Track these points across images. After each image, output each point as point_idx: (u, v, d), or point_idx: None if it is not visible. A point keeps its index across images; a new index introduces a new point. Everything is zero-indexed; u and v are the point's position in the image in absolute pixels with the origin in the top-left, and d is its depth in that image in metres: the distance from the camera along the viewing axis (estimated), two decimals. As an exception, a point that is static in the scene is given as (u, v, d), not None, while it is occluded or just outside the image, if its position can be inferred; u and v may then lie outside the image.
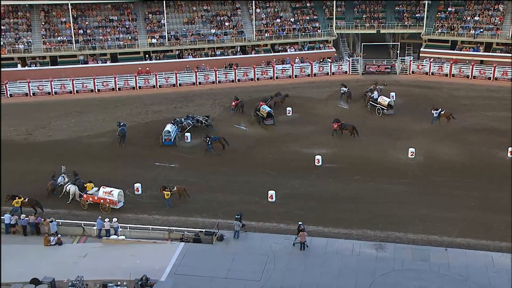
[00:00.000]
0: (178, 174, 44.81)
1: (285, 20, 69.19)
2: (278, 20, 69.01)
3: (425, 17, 67.72)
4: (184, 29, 67.29)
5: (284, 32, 68.09)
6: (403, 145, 48.02)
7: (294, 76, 65.82)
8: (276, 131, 52.60)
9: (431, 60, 66.20)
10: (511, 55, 63.68)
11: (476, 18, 67.02)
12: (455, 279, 31.65)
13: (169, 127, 49.89)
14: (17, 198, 38.51)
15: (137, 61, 65.23)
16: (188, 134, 50.53)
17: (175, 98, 60.58)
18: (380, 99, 55.69)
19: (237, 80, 64.81)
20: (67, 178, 41.59)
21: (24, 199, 38.66)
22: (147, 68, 64.41)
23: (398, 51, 67.50)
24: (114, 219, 36.68)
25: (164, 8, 66.47)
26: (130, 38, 65.89)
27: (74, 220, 37.63)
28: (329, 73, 66.24)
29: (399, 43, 68.77)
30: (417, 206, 39.47)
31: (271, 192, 40.53)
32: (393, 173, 44.24)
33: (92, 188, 40.43)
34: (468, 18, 67.36)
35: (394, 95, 58.94)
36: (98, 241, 35.87)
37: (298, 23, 68.96)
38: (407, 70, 66.40)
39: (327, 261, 33.37)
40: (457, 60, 65.30)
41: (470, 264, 32.83)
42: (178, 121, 51.28)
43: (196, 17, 68.58)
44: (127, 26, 66.94)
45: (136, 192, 41.66)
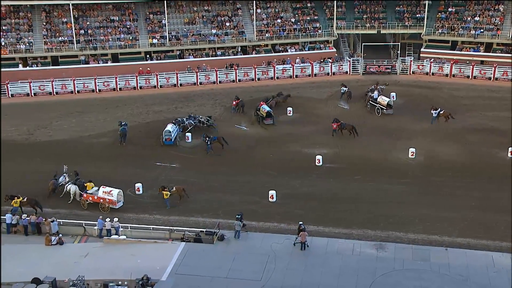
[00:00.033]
0: (179, 174, 44.86)
1: (286, 21, 69.23)
2: (279, 21, 69.07)
3: (426, 17, 67.74)
4: (185, 29, 67.35)
5: (285, 33, 68.13)
6: (404, 145, 48.05)
7: (294, 76, 65.88)
8: (276, 131, 52.65)
9: (432, 60, 66.25)
10: (511, 55, 63.72)
11: (477, 18, 67.05)
12: (456, 279, 31.65)
13: (169, 126, 50.01)
14: (16, 198, 38.52)
15: (138, 61, 65.30)
16: (189, 134, 50.61)
17: (176, 98, 60.63)
18: (380, 98, 55.77)
19: (238, 80, 64.88)
20: (67, 178, 41.71)
21: (23, 199, 38.68)
22: (148, 68, 64.47)
23: (399, 51, 67.55)
24: (115, 219, 36.71)
25: (165, 9, 66.56)
26: (131, 38, 65.97)
27: (75, 220, 37.65)
28: (330, 73, 66.30)
29: (399, 43, 68.81)
30: (417, 206, 39.50)
31: (272, 192, 40.56)
32: (394, 173, 44.28)
33: (92, 188, 40.49)
34: (469, 19, 67.38)
35: (395, 95, 59.03)
36: (99, 241, 35.90)
37: (298, 23, 69.01)
38: (407, 70, 66.45)
39: (327, 261, 33.37)
40: (458, 61, 65.33)
41: (470, 264, 32.83)
42: (179, 121, 51.38)
43: (197, 18, 68.64)
44: (128, 26, 67.01)
45: (137, 192, 41.71)
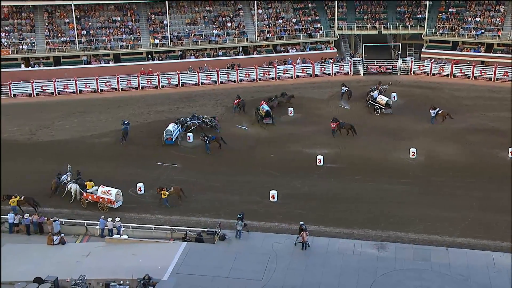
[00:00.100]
0: (180, 174, 44.96)
1: (287, 21, 69.31)
2: (280, 21, 69.15)
3: (426, 18, 67.73)
4: (186, 30, 67.45)
5: (286, 33, 68.20)
6: (404, 145, 48.11)
7: (296, 77, 65.95)
8: (277, 131, 52.72)
9: (432, 60, 66.30)
10: (511, 55, 63.83)
11: (477, 19, 67.08)
12: (456, 278, 31.73)
13: (171, 126, 50.16)
14: (13, 197, 38.61)
15: (140, 62, 65.33)
16: (190, 134, 50.73)
17: (178, 98, 60.74)
18: (379, 98, 55.91)
19: (239, 81, 64.97)
20: (69, 177, 41.85)
21: (20, 198, 38.77)
22: (150, 69, 64.54)
23: (400, 52, 67.61)
24: (117, 219, 36.83)
25: (167, 9, 66.67)
26: (132, 38, 66.08)
27: (77, 220, 37.78)
28: (331, 74, 66.38)
29: (400, 44, 68.85)
30: (418, 206, 39.58)
31: (273, 192, 40.65)
32: (394, 173, 44.36)
33: (92, 187, 40.59)
34: (469, 19, 67.43)
35: (396, 95, 59.13)
36: (101, 241, 36.00)
37: (300, 23, 69.08)
38: (408, 70, 66.51)
39: (328, 260, 33.46)
40: (458, 61, 65.34)
41: (471, 264, 32.91)
42: (182, 121, 51.52)
43: (199, 18, 68.73)
44: (130, 26, 67.13)
45: (138, 192, 41.83)
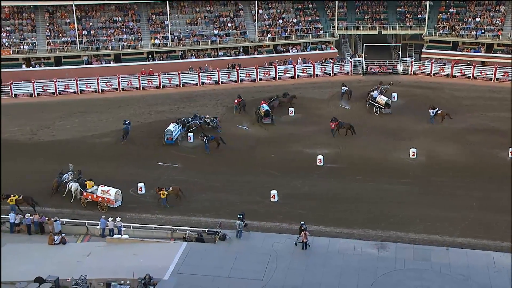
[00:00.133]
0: (181, 174, 45.04)
1: (288, 21, 69.36)
2: (281, 21, 69.19)
3: (427, 18, 67.76)
4: (187, 30, 67.52)
5: (287, 33, 68.26)
6: (405, 145, 48.16)
7: (296, 77, 65.99)
8: (278, 131, 52.77)
9: (433, 61, 66.32)
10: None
11: (477, 19, 67.11)
12: (456, 278, 31.79)
13: (171, 126, 50.24)
14: (11, 196, 38.69)
15: (141, 62, 65.38)
16: (191, 134, 50.80)
17: (178, 98, 60.79)
18: (378, 98, 55.98)
19: (239, 81, 65.01)
20: (70, 177, 41.94)
21: (19, 197, 38.86)
22: (151, 69, 64.61)
23: (400, 52, 67.65)
24: (118, 219, 36.89)
25: (168, 9, 66.74)
26: (133, 39, 66.15)
27: (78, 219, 37.85)
28: (331, 74, 66.40)
29: (400, 44, 68.83)
30: (418, 206, 39.64)
31: (273, 192, 40.72)
32: (395, 173, 44.41)
33: (92, 186, 40.67)
34: (470, 19, 67.46)
35: (396, 95, 59.18)
36: (102, 240, 36.08)
37: (300, 24, 69.13)
38: (408, 70, 66.54)
39: (329, 260, 33.52)
40: (459, 61, 65.35)
41: (471, 263, 32.98)
42: (184, 121, 51.58)
43: (199, 18, 68.80)
44: (130, 27, 67.20)
45: (139, 192, 41.91)
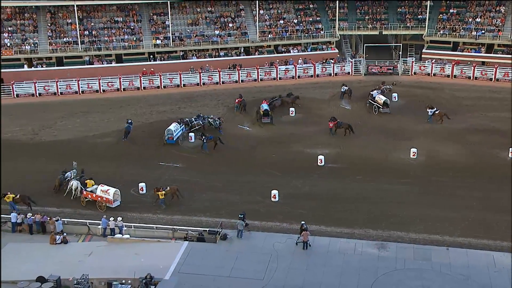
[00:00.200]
0: (182, 173, 45.13)
1: (288, 22, 69.42)
2: (282, 22, 69.26)
3: (427, 18, 67.75)
4: (188, 30, 67.62)
5: (287, 33, 68.30)
6: (405, 145, 48.23)
7: (297, 77, 66.06)
8: (279, 131, 52.85)
9: (433, 61, 66.33)
10: (512, 56, 63.96)
11: (478, 19, 67.12)
12: (457, 278, 31.87)
13: (172, 126, 50.36)
14: (8, 194, 38.83)
15: (142, 62, 65.46)
16: (192, 134, 50.90)
17: (179, 98, 60.86)
18: (377, 97, 56.09)
19: (240, 81, 65.08)
20: (73, 175, 42.05)
21: (16, 196, 38.97)
22: (152, 69, 64.72)
23: (400, 52, 67.69)
24: (119, 218, 36.99)
25: (169, 10, 66.81)
26: (135, 39, 66.24)
27: (79, 219, 37.95)
28: (332, 74, 66.46)
29: (401, 44, 68.86)
30: (418, 206, 39.73)
31: (274, 192, 40.82)
32: (395, 173, 44.50)
33: (92, 186, 40.77)
34: (470, 20, 67.49)
35: (396, 95, 59.27)
36: (103, 240, 36.17)
37: (301, 24, 69.20)
38: (409, 71, 66.57)
39: (329, 260, 33.61)
40: (459, 61, 65.35)
41: (471, 263, 33.07)
42: (187, 121, 51.67)
43: (200, 19, 68.88)
44: (132, 27, 67.30)
45: (140, 192, 42.03)
